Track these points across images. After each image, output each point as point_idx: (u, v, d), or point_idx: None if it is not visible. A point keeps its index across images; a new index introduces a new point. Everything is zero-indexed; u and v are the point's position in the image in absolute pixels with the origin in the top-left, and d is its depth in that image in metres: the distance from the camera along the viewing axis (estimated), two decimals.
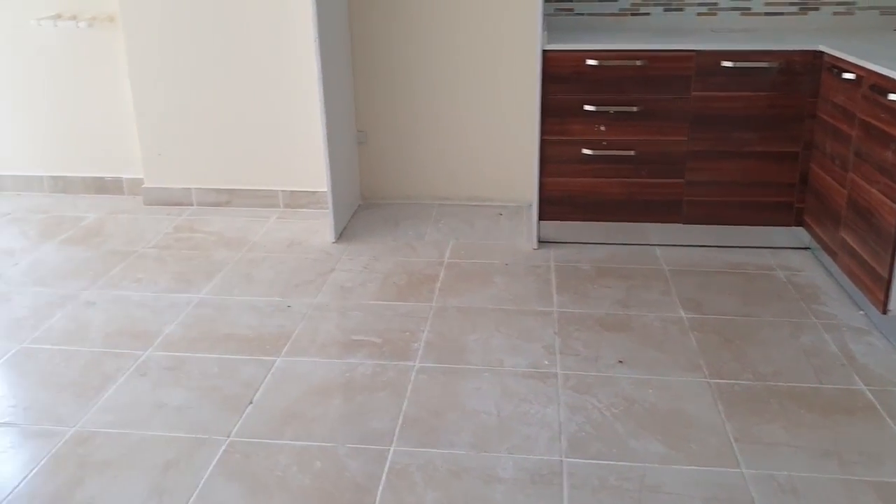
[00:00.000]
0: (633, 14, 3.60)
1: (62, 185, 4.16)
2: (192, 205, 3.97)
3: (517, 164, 3.88)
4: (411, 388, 2.38)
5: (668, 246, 3.41)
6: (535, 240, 3.40)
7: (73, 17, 3.77)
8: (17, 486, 2.00)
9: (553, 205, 3.36)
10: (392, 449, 2.11)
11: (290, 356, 2.58)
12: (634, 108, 3.18)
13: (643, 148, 3.23)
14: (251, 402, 2.33)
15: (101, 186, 4.14)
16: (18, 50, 3.93)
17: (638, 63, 3.12)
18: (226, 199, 3.96)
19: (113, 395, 2.38)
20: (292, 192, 3.93)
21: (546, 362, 2.51)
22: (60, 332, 2.76)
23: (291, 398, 2.35)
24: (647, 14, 3.60)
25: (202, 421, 2.25)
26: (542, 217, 3.38)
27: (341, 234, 3.60)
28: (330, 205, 3.48)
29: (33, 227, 3.75)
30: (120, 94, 3.92)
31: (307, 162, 3.84)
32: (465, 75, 3.78)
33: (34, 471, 2.05)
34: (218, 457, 2.09)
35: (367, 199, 4.03)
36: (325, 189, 3.52)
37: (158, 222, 3.79)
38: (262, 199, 3.95)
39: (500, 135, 3.86)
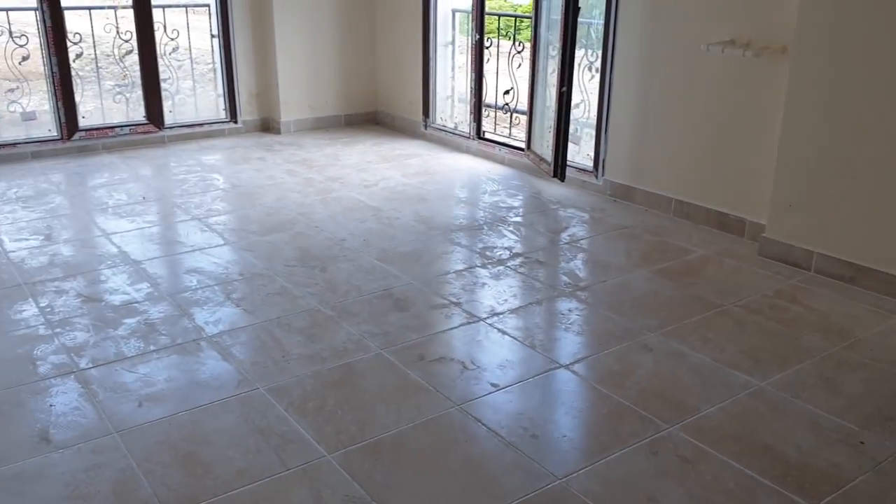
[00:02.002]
0: None
1: (686, 211, 4.06)
2: (809, 270, 3.40)
3: None
4: None
5: None
6: None
7: (745, 45, 3.53)
8: None
9: None
10: None
11: None
12: None
13: None
14: None
15: (723, 223, 3.89)
16: (685, 72, 3.90)
17: None
18: (850, 274, 3.27)
19: (613, 462, 2.16)
20: None
21: None
22: (608, 370, 2.66)
23: None
24: None
25: None
26: None
27: None
28: None
29: (638, 248, 3.74)
30: (769, 131, 3.56)
31: None
32: None
33: None
34: None
35: None
36: None
37: (761, 279, 3.36)
38: (895, 288, 3.14)
39: None
